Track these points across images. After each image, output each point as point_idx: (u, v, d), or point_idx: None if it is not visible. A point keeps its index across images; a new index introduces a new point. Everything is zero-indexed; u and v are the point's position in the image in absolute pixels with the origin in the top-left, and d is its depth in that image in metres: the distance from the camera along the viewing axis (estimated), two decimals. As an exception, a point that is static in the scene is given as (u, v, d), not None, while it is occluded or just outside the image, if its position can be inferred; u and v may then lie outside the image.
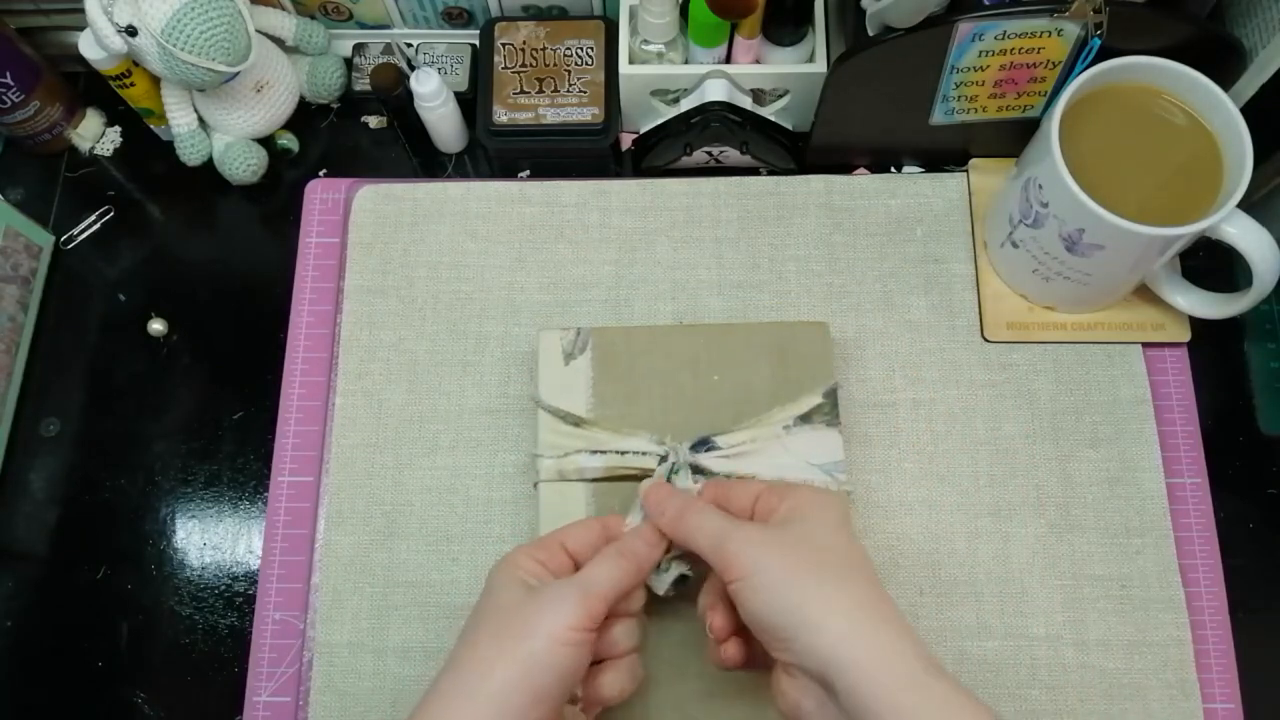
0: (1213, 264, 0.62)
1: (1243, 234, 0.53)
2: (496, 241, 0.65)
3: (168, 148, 0.68)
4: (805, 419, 0.56)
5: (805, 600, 0.42)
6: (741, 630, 0.48)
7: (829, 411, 0.56)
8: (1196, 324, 0.61)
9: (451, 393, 0.62)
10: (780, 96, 0.65)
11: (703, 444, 0.55)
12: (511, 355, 0.62)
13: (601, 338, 0.59)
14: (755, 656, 0.48)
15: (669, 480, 0.54)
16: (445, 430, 0.61)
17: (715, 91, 0.62)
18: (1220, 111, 0.54)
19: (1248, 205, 0.53)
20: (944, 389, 0.61)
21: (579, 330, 0.59)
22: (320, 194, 0.67)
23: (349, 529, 0.59)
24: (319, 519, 0.60)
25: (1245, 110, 0.54)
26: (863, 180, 0.66)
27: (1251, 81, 0.57)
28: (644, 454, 0.55)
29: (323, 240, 0.66)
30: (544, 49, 0.66)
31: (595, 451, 0.56)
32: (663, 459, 0.55)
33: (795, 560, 0.43)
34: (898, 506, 0.59)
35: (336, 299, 0.64)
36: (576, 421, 0.57)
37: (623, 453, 0.56)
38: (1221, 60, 0.56)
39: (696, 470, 0.54)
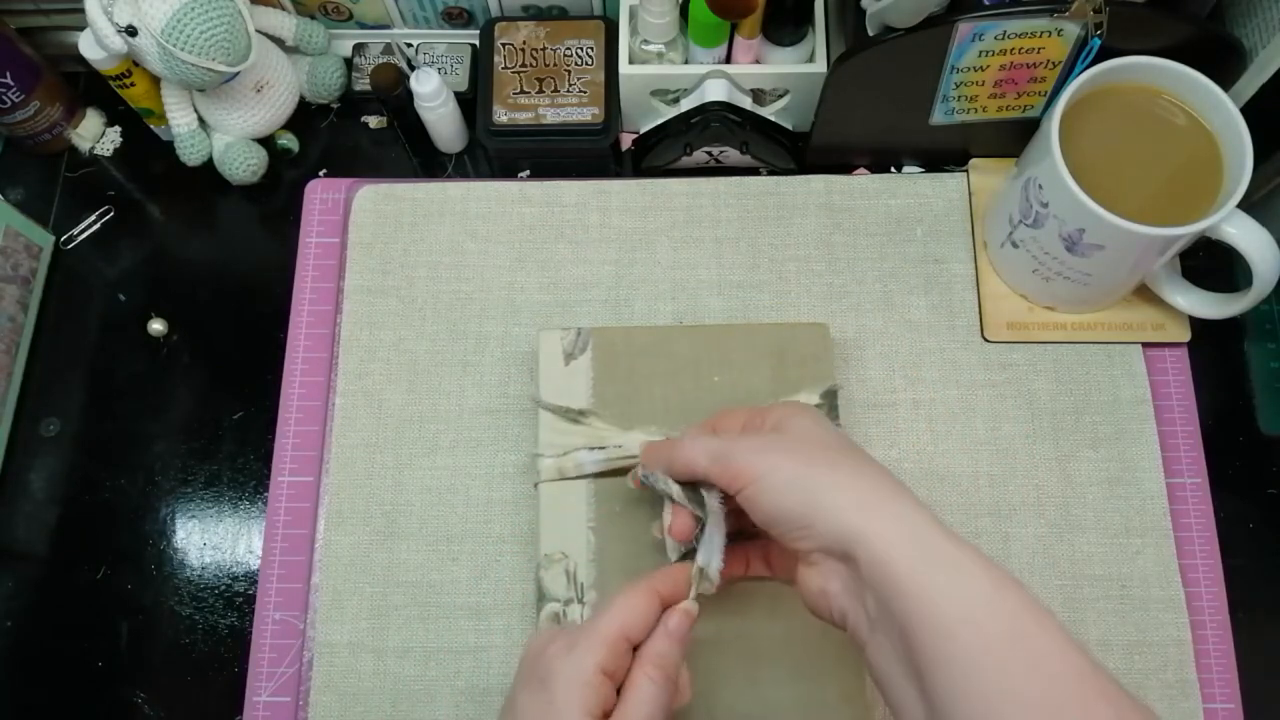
0: (1213, 264, 0.62)
1: (1243, 234, 0.53)
2: (496, 241, 0.65)
3: (168, 148, 0.68)
4: None
5: (819, 486, 0.43)
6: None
7: (828, 412, 0.56)
8: (1196, 324, 0.61)
9: (451, 393, 0.62)
10: (780, 96, 0.65)
11: None
12: (511, 355, 0.62)
13: (602, 338, 0.59)
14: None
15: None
16: (445, 430, 0.61)
17: (715, 91, 0.62)
18: (1220, 111, 0.54)
19: (1248, 205, 0.53)
20: (944, 389, 0.61)
21: (579, 330, 0.59)
22: (320, 194, 0.67)
23: (349, 529, 0.59)
24: (319, 519, 0.60)
25: (1245, 110, 0.54)
26: (863, 180, 0.66)
27: (1251, 81, 0.57)
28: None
29: (323, 240, 0.66)
30: (544, 49, 0.66)
31: (595, 448, 0.56)
32: None
33: (802, 455, 0.45)
34: (898, 506, 0.59)
35: (336, 299, 0.64)
36: (576, 417, 0.57)
37: (621, 447, 0.56)
38: (1221, 60, 0.56)
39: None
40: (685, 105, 0.63)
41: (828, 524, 0.42)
